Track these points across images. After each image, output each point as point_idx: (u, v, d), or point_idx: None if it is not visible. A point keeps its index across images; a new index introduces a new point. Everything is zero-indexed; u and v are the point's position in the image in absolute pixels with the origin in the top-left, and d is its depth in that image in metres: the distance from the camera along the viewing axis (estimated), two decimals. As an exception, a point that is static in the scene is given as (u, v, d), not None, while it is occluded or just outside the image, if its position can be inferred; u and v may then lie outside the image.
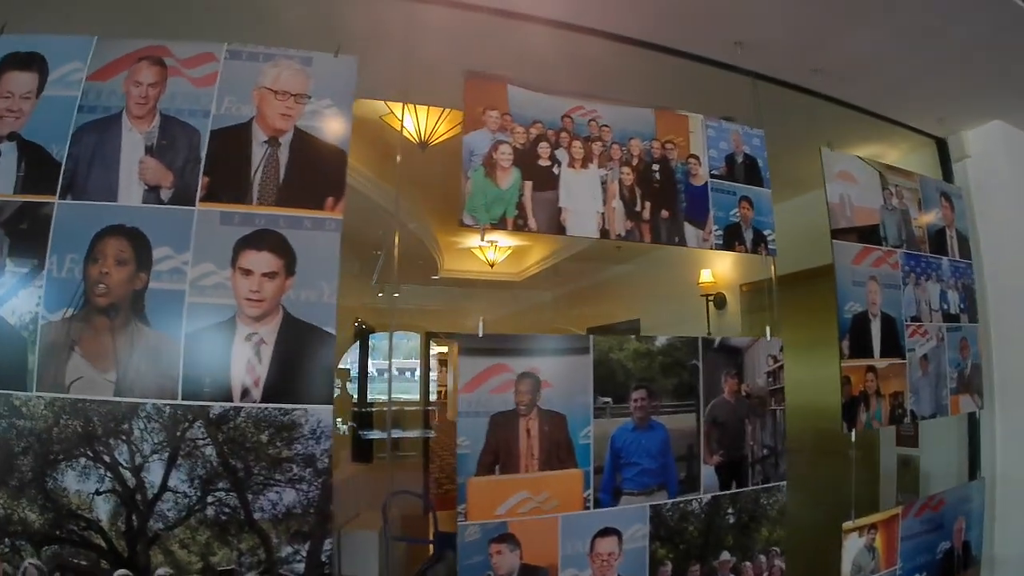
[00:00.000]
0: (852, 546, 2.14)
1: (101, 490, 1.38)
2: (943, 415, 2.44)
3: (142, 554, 1.38)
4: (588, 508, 1.78)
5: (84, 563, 1.36)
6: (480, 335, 1.69)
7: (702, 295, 4.09)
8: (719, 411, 1.94)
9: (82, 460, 1.38)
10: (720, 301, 4.15)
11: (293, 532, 1.44)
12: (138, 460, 1.39)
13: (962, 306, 2.55)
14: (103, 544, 1.37)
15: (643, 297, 4.96)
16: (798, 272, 2.54)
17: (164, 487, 1.39)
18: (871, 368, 2.20)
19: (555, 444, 1.77)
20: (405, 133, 2.94)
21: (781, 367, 2.02)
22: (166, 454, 1.40)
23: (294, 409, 1.45)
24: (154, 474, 1.39)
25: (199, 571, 1.39)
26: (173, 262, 1.45)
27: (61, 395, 1.37)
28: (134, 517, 1.39)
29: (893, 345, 2.28)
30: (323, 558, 1.46)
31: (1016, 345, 2.62)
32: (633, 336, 1.88)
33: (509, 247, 5.43)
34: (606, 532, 1.81)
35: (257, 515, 1.43)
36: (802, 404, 3.50)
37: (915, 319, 2.36)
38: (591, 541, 1.79)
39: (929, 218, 2.50)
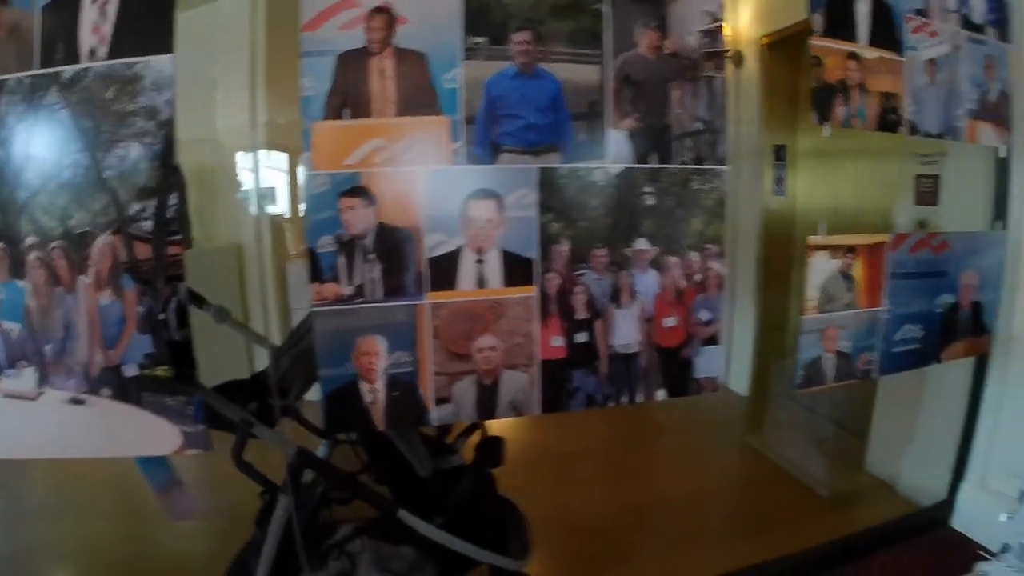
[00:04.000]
0: (821, 267, 1.73)
1: (-27, 170, 1.40)
2: (955, 138, 1.98)
3: (14, 226, 1.40)
4: (458, 163, 1.48)
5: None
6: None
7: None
8: (633, 67, 1.57)
9: (-45, 142, 1.39)
10: (738, 59, 3.64)
11: (140, 188, 1.40)
12: (4, 134, 1.39)
13: (991, 18, 2.05)
14: (-22, 223, 1.39)
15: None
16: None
17: (27, 156, 1.40)
18: (854, 56, 1.74)
19: (414, 86, 1.47)
20: None
21: (720, 28, 1.60)
22: (27, 124, 1.40)
23: (136, 63, 1.38)
24: (19, 145, 1.39)
25: (59, 235, 1.40)
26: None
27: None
28: (3, 189, 1.40)
29: (887, 36, 1.83)
30: (169, 214, 1.41)
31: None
32: None
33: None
34: (482, 194, 1.51)
35: (107, 173, 1.39)
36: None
37: (921, 13, 1.86)
38: (464, 203, 1.50)
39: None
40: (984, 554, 2.10)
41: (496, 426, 2.99)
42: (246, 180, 2.89)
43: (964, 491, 2.46)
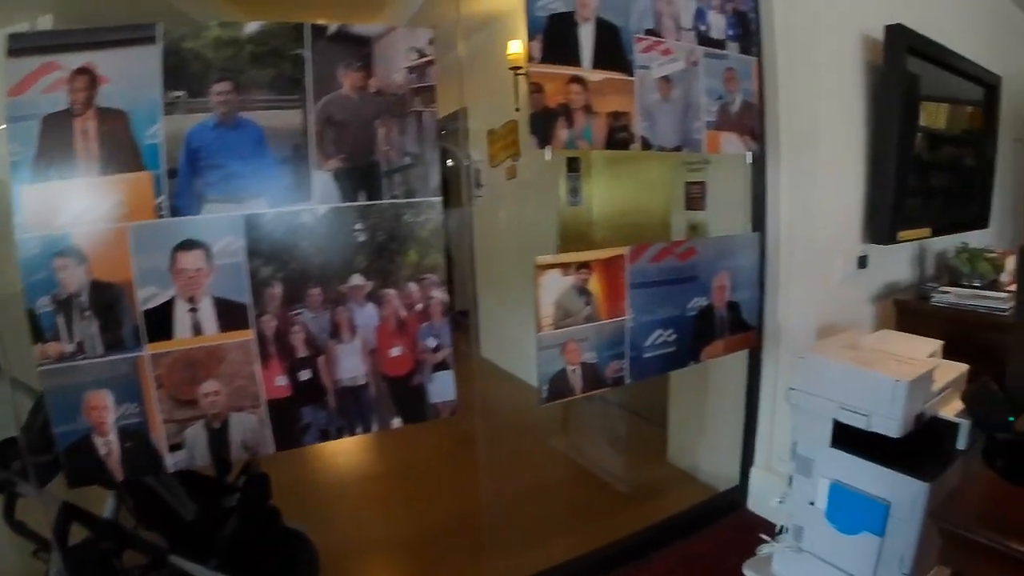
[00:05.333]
0: (553, 285, 1.77)
1: None
2: (694, 150, 2.06)
3: None
4: (162, 216, 1.51)
5: None
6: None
7: (510, 68, 3.61)
8: (336, 108, 1.61)
9: None
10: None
11: None
12: None
13: (731, 33, 2.12)
14: None
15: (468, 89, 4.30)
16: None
17: None
18: (577, 79, 1.79)
19: (116, 145, 1.49)
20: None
21: (430, 63, 1.63)
22: None
23: None
24: None
25: None
26: None
27: None
28: None
29: (614, 57, 1.90)
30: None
31: (811, 88, 2.19)
32: (215, 23, 1.53)
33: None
34: (188, 245, 1.54)
35: None
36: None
37: (652, 33, 1.92)
38: (171, 255, 1.53)
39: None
40: (765, 537, 2.20)
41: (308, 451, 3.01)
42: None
43: (754, 475, 2.57)
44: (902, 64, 2.36)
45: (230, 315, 1.58)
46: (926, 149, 2.71)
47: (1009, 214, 3.50)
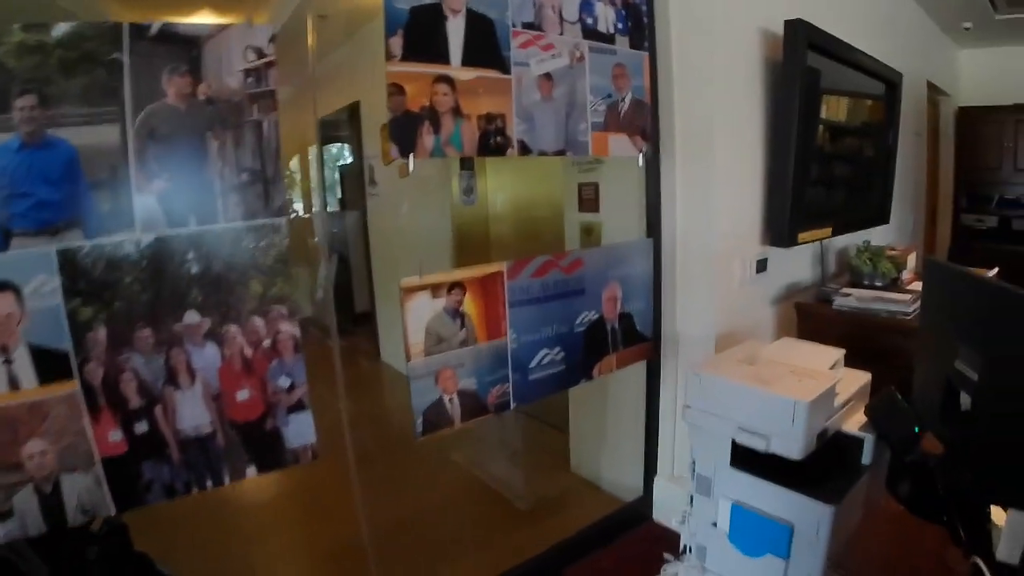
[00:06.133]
0: (422, 308, 1.63)
1: None
2: (579, 153, 1.93)
3: None
4: None
5: None
6: None
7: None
8: (159, 121, 1.42)
9: None
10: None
11: None
12: None
13: (619, 26, 1.99)
14: None
15: (362, 80, 4.06)
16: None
17: None
18: (445, 79, 1.62)
19: None
20: None
21: (270, 64, 1.45)
22: None
23: None
24: None
25: None
26: None
27: None
28: None
29: (488, 54, 1.74)
30: None
31: (708, 85, 2.09)
32: (17, 25, 1.30)
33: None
34: None
35: None
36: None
37: (531, 26, 1.76)
38: None
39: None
40: (668, 556, 2.13)
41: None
42: None
43: (658, 485, 2.51)
44: (802, 60, 2.27)
45: (50, 365, 1.38)
46: (828, 142, 2.66)
47: (910, 209, 3.52)
